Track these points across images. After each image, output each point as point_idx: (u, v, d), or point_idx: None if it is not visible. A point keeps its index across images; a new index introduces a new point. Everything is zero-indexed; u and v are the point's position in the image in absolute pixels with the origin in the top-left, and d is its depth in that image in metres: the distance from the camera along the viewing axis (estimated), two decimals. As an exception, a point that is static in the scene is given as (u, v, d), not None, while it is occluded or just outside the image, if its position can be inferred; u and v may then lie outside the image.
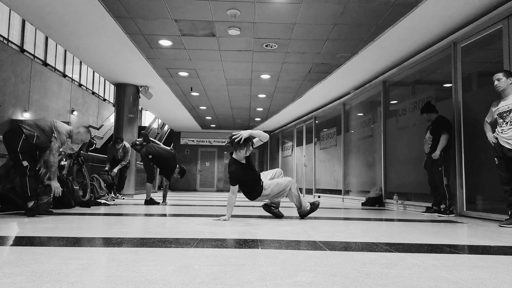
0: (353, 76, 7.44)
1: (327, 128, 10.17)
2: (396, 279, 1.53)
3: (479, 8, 4.44)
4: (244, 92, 9.16)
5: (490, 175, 4.39)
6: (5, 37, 12.52)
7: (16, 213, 4.08)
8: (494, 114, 3.87)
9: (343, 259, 1.90)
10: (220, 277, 1.50)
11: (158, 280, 1.43)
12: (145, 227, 3.14)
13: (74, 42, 5.98)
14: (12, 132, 3.90)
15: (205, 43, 5.87)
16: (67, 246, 2.12)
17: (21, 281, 1.39)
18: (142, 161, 6.37)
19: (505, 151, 3.70)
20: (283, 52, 6.19)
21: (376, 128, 7.33)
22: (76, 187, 5.25)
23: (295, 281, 1.46)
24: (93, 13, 4.87)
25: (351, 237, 2.72)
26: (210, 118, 13.13)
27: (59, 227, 3.00)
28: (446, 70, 5.33)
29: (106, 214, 4.30)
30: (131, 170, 8.38)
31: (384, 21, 4.90)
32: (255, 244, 2.34)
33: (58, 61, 16.11)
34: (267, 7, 4.61)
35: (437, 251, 2.22)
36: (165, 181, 6.25)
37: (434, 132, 4.88)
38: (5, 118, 12.49)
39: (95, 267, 1.62)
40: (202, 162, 16.55)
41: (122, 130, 8.39)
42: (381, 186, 6.91)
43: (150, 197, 6.13)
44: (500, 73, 3.79)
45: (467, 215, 4.75)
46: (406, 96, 6.59)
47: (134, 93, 8.53)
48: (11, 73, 12.56)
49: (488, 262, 1.93)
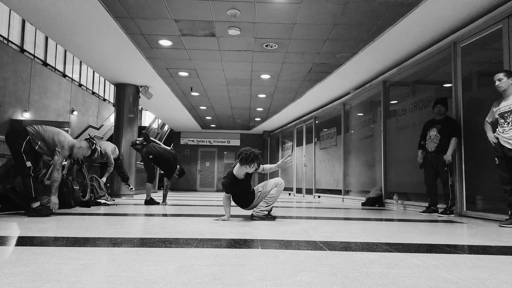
0: (353, 76, 7.44)
1: (327, 128, 10.17)
2: (396, 279, 1.53)
3: (479, 8, 4.44)
4: (244, 92, 9.16)
5: (490, 175, 4.39)
6: (5, 37, 12.52)
7: (16, 213, 4.08)
8: (495, 114, 3.87)
9: (343, 259, 1.90)
10: (220, 277, 1.50)
11: (158, 280, 1.43)
12: (145, 227, 3.14)
13: (74, 42, 5.98)
14: (16, 133, 3.90)
15: (205, 43, 5.87)
16: (67, 246, 2.12)
17: (21, 281, 1.39)
18: (143, 161, 6.34)
19: (506, 151, 3.70)
20: (283, 52, 6.19)
21: (376, 128, 7.33)
22: (76, 187, 5.25)
23: (295, 281, 1.46)
24: (93, 13, 4.87)
25: (351, 237, 2.72)
26: (210, 118, 13.14)
27: (59, 227, 3.00)
28: (446, 70, 5.32)
29: (106, 214, 4.30)
30: (131, 170, 8.38)
31: (384, 21, 4.90)
32: (255, 244, 2.34)
33: (58, 61, 16.10)
34: (267, 7, 4.61)
35: (437, 251, 2.22)
36: (166, 181, 6.25)
37: (443, 133, 4.82)
38: (5, 118, 12.50)
39: (95, 267, 1.62)
40: (202, 162, 16.55)
41: (122, 130, 8.39)
42: (381, 186, 6.91)
43: (150, 197, 6.13)
44: (501, 73, 3.78)
45: (467, 215, 4.75)
46: (406, 96, 6.59)
47: (134, 93, 8.53)
48: (11, 73, 12.56)
49: (488, 262, 1.93)
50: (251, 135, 16.60)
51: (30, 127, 3.95)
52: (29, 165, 3.84)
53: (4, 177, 4.51)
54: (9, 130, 4.01)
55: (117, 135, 8.45)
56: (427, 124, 5.10)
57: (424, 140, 5.11)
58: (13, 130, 3.98)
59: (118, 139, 8.39)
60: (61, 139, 4.02)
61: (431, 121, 5.06)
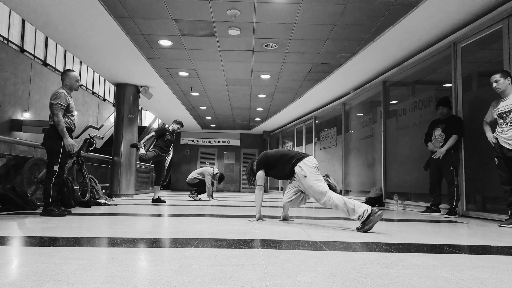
0: (353, 76, 7.43)
1: (327, 128, 10.17)
2: (396, 279, 1.53)
3: (479, 8, 4.44)
4: (244, 92, 9.16)
5: (490, 175, 4.39)
6: (5, 37, 12.52)
7: (16, 213, 4.08)
8: (494, 114, 3.87)
9: (343, 259, 1.90)
10: (220, 277, 1.50)
11: (158, 280, 1.43)
12: (145, 227, 3.14)
13: (74, 42, 5.98)
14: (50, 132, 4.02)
15: (205, 43, 5.87)
16: (67, 246, 2.12)
17: (21, 281, 1.39)
18: (154, 162, 6.64)
19: (505, 152, 3.70)
20: (283, 52, 6.19)
21: (376, 128, 7.33)
22: (76, 187, 5.25)
23: (295, 281, 1.46)
24: (93, 13, 4.87)
25: (351, 237, 2.71)
26: (210, 118, 13.14)
27: (59, 227, 3.00)
28: (446, 70, 5.32)
29: (106, 214, 4.30)
30: (131, 170, 8.38)
31: (384, 21, 4.90)
32: (255, 244, 2.34)
33: (58, 61, 16.11)
34: (267, 7, 4.61)
35: (437, 251, 2.22)
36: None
37: (447, 132, 4.78)
38: (5, 118, 12.50)
39: (95, 267, 1.62)
40: (202, 162, 16.54)
41: (122, 130, 8.39)
42: (381, 186, 6.91)
43: (157, 195, 6.58)
44: (497, 74, 3.78)
45: (467, 215, 4.75)
46: (406, 96, 6.59)
47: (134, 93, 8.53)
48: (11, 73, 12.56)
49: (488, 262, 1.93)
50: (251, 135, 16.60)
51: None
52: (55, 168, 3.94)
53: (4, 177, 4.51)
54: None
55: (117, 135, 8.44)
56: (433, 123, 5.06)
57: (429, 138, 5.06)
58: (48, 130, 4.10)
59: (118, 139, 8.38)
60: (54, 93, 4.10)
61: (437, 120, 5.02)
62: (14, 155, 5.37)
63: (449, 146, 4.71)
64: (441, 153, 4.75)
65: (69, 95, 4.18)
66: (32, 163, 5.04)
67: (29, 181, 4.99)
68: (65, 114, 4.04)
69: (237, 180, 16.64)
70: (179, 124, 6.77)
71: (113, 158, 8.36)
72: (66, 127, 4.01)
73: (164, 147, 6.45)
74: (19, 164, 5.06)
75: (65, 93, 4.07)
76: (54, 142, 3.94)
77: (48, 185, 3.95)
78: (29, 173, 5.01)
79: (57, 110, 3.94)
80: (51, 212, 3.87)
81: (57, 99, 3.97)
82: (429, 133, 5.08)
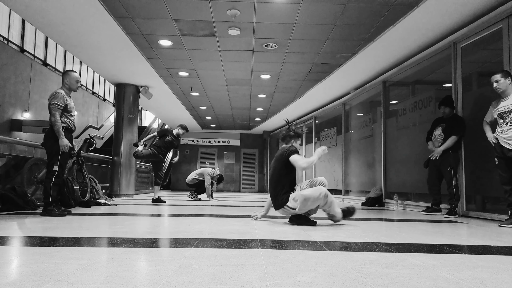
0: (353, 76, 7.43)
1: (327, 128, 10.17)
2: (396, 279, 1.53)
3: (479, 8, 4.44)
4: (244, 92, 9.16)
5: (490, 175, 4.39)
6: (5, 37, 12.52)
7: (16, 213, 4.08)
8: (494, 114, 3.87)
9: (343, 259, 1.90)
10: (220, 277, 1.50)
11: (158, 280, 1.43)
12: (145, 227, 3.14)
13: (74, 42, 5.98)
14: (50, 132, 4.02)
15: (205, 43, 5.87)
16: (67, 246, 2.12)
17: (21, 281, 1.39)
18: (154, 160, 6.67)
19: (505, 152, 3.70)
20: (283, 52, 6.19)
21: (376, 128, 7.33)
22: (76, 187, 5.25)
23: (295, 281, 1.46)
24: (93, 13, 4.86)
25: (351, 237, 2.71)
26: (210, 118, 13.14)
27: (59, 227, 3.00)
28: (446, 70, 5.32)
29: (106, 214, 4.30)
30: (131, 170, 8.38)
31: (384, 21, 4.89)
32: (255, 244, 2.34)
33: (58, 61, 16.11)
34: (267, 7, 4.61)
35: (437, 251, 2.22)
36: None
37: (447, 132, 4.76)
38: (5, 118, 12.50)
39: (95, 267, 1.62)
40: (202, 162, 16.54)
41: (122, 130, 8.39)
42: (381, 186, 6.91)
43: (157, 196, 6.60)
44: (497, 74, 3.77)
45: (467, 215, 4.75)
46: (406, 96, 6.59)
47: (134, 93, 8.53)
48: (11, 73, 12.56)
49: (488, 262, 1.93)
50: (251, 135, 16.60)
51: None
52: (55, 168, 3.94)
53: (4, 177, 4.51)
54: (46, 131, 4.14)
55: (117, 135, 8.44)
56: (435, 121, 5.02)
57: (431, 136, 5.05)
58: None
59: (118, 139, 8.38)
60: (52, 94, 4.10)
61: (440, 118, 4.98)
62: (14, 155, 5.37)
63: (446, 147, 4.69)
64: (438, 153, 4.74)
65: (68, 95, 4.18)
66: (32, 163, 5.04)
67: (29, 181, 4.99)
68: (64, 114, 4.03)
69: (237, 180, 16.64)
70: (184, 129, 6.76)
71: (113, 158, 8.36)
72: (66, 127, 4.01)
73: (163, 148, 6.45)
74: (19, 164, 5.07)
75: (63, 93, 4.06)
76: (54, 142, 3.94)
77: (48, 185, 3.95)
78: (29, 173, 5.01)
79: (54, 110, 3.93)
80: (51, 212, 3.87)
81: (55, 99, 3.97)
82: (431, 131, 5.07)
